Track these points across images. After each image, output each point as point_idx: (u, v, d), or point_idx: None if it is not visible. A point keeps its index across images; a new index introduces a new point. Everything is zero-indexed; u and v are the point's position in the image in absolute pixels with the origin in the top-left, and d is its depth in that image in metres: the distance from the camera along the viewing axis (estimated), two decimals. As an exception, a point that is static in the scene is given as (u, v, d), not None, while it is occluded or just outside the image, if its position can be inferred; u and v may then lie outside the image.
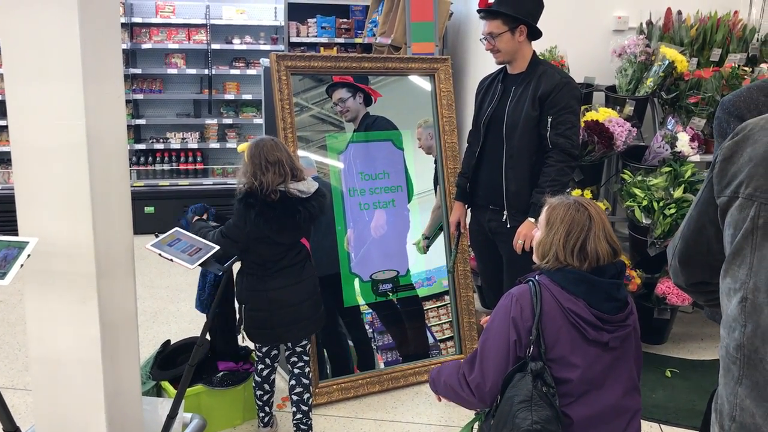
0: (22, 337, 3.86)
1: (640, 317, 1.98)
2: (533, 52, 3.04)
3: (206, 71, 6.17)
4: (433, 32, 4.60)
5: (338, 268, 3.40)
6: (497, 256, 3.18)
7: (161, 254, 2.22)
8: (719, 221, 1.19)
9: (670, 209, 3.48)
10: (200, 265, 2.25)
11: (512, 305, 1.85)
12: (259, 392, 2.87)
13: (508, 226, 3.01)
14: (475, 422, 2.12)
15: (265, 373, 2.84)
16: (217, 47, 6.16)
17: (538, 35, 2.99)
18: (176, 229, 2.36)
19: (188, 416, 2.69)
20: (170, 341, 3.26)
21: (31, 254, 1.88)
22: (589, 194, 3.67)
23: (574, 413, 1.82)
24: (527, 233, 2.85)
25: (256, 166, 2.54)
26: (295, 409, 2.81)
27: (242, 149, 2.65)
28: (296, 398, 2.79)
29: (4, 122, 5.22)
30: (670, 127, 3.72)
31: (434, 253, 3.66)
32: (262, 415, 2.92)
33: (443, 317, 3.64)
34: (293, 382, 2.81)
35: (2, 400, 1.94)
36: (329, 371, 3.33)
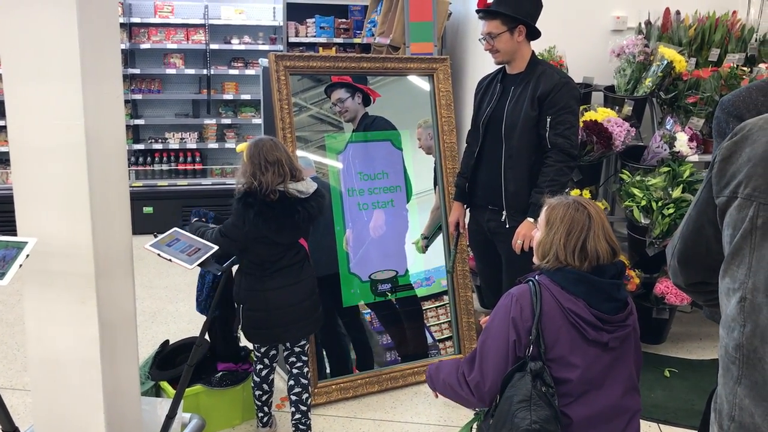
0: (20, 337, 3.85)
1: (638, 317, 1.98)
2: (532, 52, 3.04)
3: (205, 71, 6.16)
4: (431, 32, 4.60)
5: (337, 268, 3.40)
6: (496, 256, 3.18)
7: (160, 254, 2.23)
8: (718, 221, 1.19)
9: (668, 209, 3.48)
10: (199, 265, 2.25)
11: (512, 305, 1.86)
12: (257, 392, 2.87)
13: (507, 226, 3.01)
14: (474, 422, 2.12)
15: (263, 373, 2.84)
16: (215, 47, 6.16)
17: (537, 35, 3.00)
18: (175, 229, 2.36)
19: (187, 416, 2.69)
20: (169, 341, 3.27)
21: (29, 254, 1.88)
22: (587, 194, 3.67)
23: (573, 413, 1.82)
24: (526, 233, 2.85)
25: (255, 166, 2.53)
26: (293, 409, 2.81)
27: (241, 149, 2.64)
28: (295, 398, 2.79)
29: (2, 122, 5.21)
30: (668, 127, 3.72)
31: (433, 253, 3.66)
32: (261, 415, 2.92)
33: (442, 317, 3.64)
34: (292, 382, 2.80)
35: (1, 400, 1.94)
36: (328, 371, 3.33)
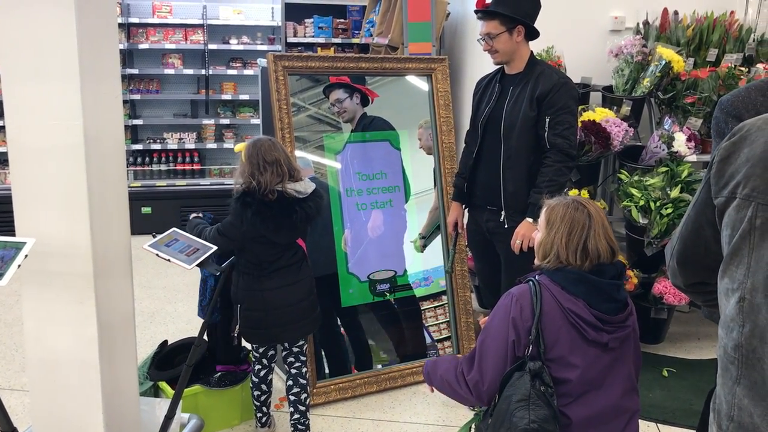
0: (19, 337, 3.85)
1: (637, 317, 1.98)
2: (531, 52, 3.04)
3: (203, 71, 6.16)
4: (430, 32, 4.61)
5: (336, 268, 3.40)
6: (495, 256, 3.18)
7: (159, 255, 2.22)
8: (717, 222, 1.19)
9: (666, 209, 3.49)
10: (198, 265, 2.24)
11: (512, 305, 1.85)
12: (256, 392, 2.87)
13: (505, 226, 3.01)
14: (473, 422, 2.11)
15: (262, 373, 2.84)
16: (214, 47, 6.15)
17: (535, 35, 3.00)
18: (174, 229, 2.36)
19: (186, 416, 2.70)
20: (167, 341, 3.27)
21: (28, 255, 1.88)
22: (586, 194, 3.67)
23: (573, 413, 1.82)
24: (525, 233, 2.85)
25: (253, 166, 2.53)
26: (292, 409, 2.81)
27: (239, 149, 2.64)
28: (294, 398, 2.79)
29: (1, 122, 5.20)
30: (666, 127, 3.72)
31: (432, 253, 3.66)
32: (259, 415, 2.92)
33: (440, 317, 3.64)
34: (290, 382, 2.80)
35: (-1, 401, 1.94)
36: (327, 371, 3.33)
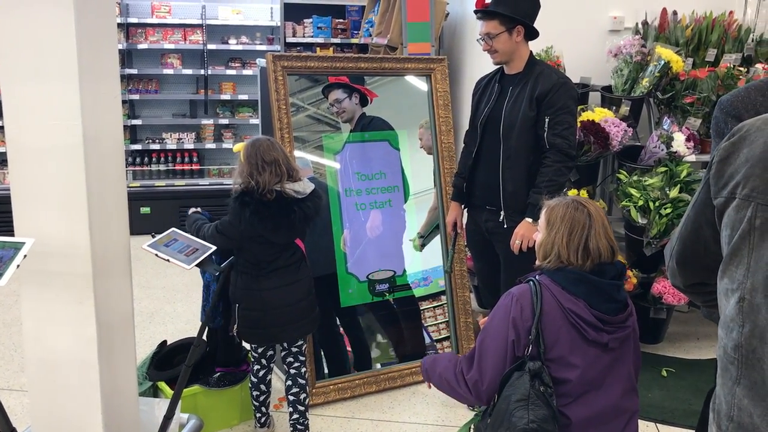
0: (18, 337, 3.84)
1: (636, 317, 1.98)
2: (530, 52, 3.05)
3: (202, 71, 6.16)
4: (429, 32, 4.61)
5: (335, 268, 3.40)
6: (494, 256, 3.18)
7: (158, 255, 2.22)
8: (716, 222, 1.19)
9: (665, 209, 3.49)
10: (197, 265, 2.24)
11: (512, 305, 1.85)
12: (255, 392, 2.86)
13: (505, 226, 3.01)
14: (472, 422, 2.11)
15: (261, 373, 2.84)
16: (213, 47, 6.15)
17: (535, 35, 3.00)
18: (173, 229, 2.36)
19: (185, 417, 2.69)
20: (167, 342, 3.26)
21: (27, 255, 1.88)
22: (585, 194, 3.67)
23: (572, 413, 1.82)
24: (525, 233, 2.85)
25: (252, 165, 2.53)
26: (291, 409, 2.80)
27: (238, 149, 2.64)
28: (293, 398, 2.79)
29: (0, 122, 5.19)
30: (665, 127, 3.73)
31: (431, 253, 3.66)
32: (258, 415, 2.92)
33: (440, 317, 3.64)
34: (290, 382, 2.80)
35: (-2, 401, 1.94)
36: (326, 371, 3.33)
